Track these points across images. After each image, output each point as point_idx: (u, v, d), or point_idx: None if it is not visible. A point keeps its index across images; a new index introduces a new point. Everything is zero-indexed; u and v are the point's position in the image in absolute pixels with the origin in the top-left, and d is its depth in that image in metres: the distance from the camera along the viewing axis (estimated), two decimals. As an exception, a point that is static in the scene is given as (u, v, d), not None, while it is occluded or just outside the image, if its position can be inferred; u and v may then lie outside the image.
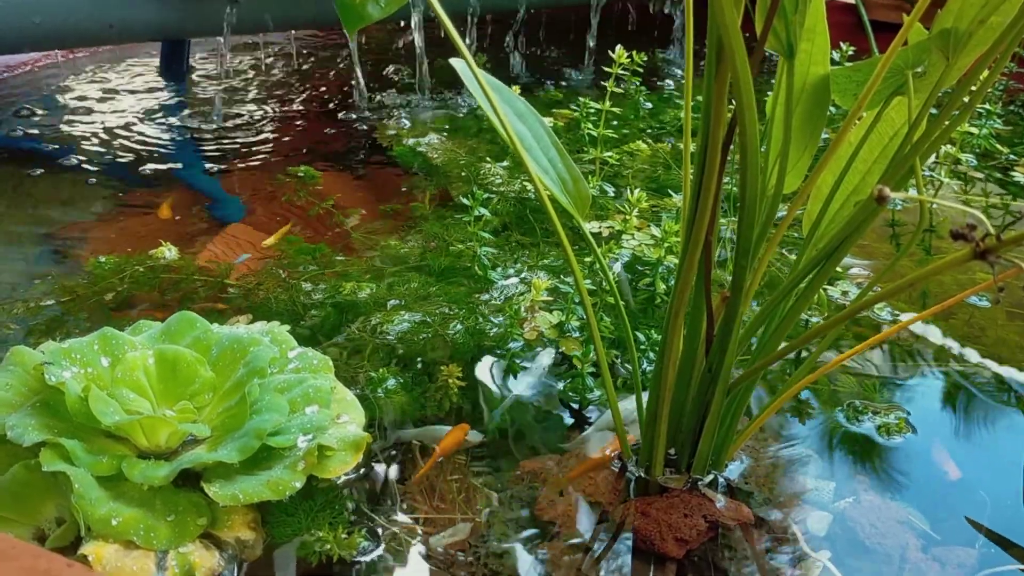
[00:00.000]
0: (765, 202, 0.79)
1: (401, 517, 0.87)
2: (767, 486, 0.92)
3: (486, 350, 1.12)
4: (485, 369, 1.09)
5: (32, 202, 1.51)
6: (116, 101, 2.03)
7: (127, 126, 1.87)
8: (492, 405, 1.03)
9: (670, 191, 1.57)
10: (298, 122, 1.94)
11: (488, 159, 1.70)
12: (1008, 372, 1.11)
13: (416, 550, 0.83)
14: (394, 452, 0.95)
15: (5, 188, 1.56)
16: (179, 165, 1.69)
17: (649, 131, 1.89)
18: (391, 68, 2.34)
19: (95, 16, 1.73)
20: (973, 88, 0.71)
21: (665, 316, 0.82)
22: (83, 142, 1.78)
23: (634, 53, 1.52)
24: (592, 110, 1.60)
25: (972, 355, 1.15)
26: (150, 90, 2.13)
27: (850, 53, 1.90)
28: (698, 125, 0.72)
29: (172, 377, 0.90)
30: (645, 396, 0.90)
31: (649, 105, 2.03)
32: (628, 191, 1.32)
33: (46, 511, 0.79)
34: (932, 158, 1.75)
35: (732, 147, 0.71)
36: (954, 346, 1.16)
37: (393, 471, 0.92)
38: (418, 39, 2.02)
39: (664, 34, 2.63)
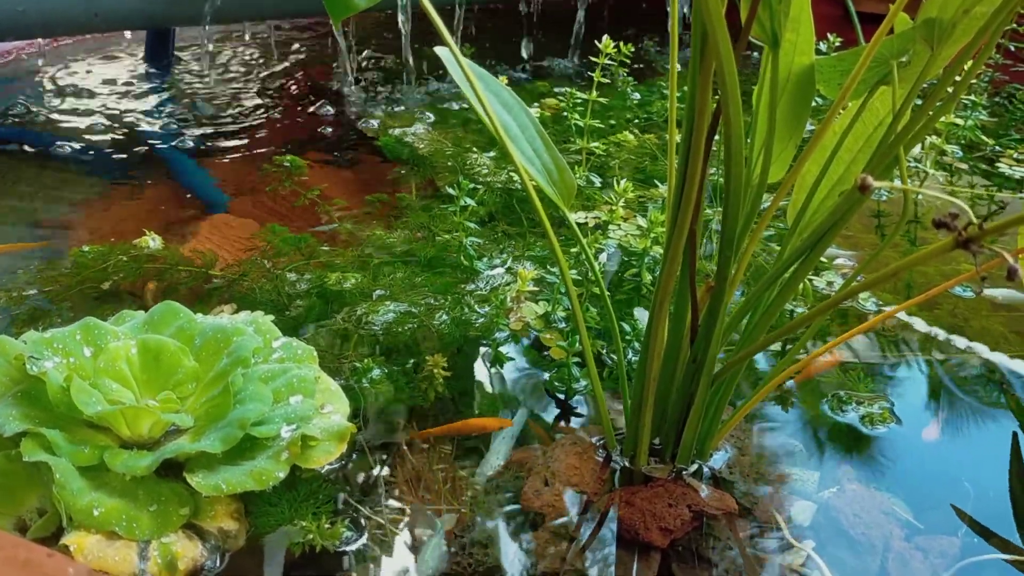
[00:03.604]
0: (750, 192, 0.79)
1: (386, 507, 0.86)
2: (751, 476, 0.92)
3: (472, 340, 1.12)
4: (472, 360, 1.09)
5: (16, 190, 1.50)
6: (101, 89, 2.02)
7: (111, 114, 1.86)
8: (482, 397, 1.03)
9: (656, 181, 1.57)
10: (283, 112, 1.93)
11: (475, 149, 1.69)
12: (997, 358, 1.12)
13: (400, 540, 0.83)
14: (379, 443, 0.95)
15: (-12, 177, 1.55)
16: (164, 153, 1.68)
17: (636, 121, 1.88)
18: (377, 58, 2.33)
19: (80, 4, 1.71)
20: (957, 78, 0.71)
21: (650, 306, 0.82)
22: (67, 130, 1.76)
23: (621, 43, 1.52)
24: (579, 100, 1.60)
25: (959, 343, 1.15)
26: (135, 78, 2.11)
27: (837, 44, 1.90)
28: (683, 115, 0.72)
29: (155, 367, 0.90)
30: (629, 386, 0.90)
31: (637, 95, 2.03)
32: (615, 181, 1.31)
33: (28, 501, 0.79)
34: (917, 149, 1.76)
35: (717, 137, 0.71)
36: (940, 333, 1.17)
37: (378, 461, 0.92)
38: (404, 28, 2.02)
39: (655, 23, 2.63)
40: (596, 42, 1.45)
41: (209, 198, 1.53)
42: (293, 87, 2.11)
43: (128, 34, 2.35)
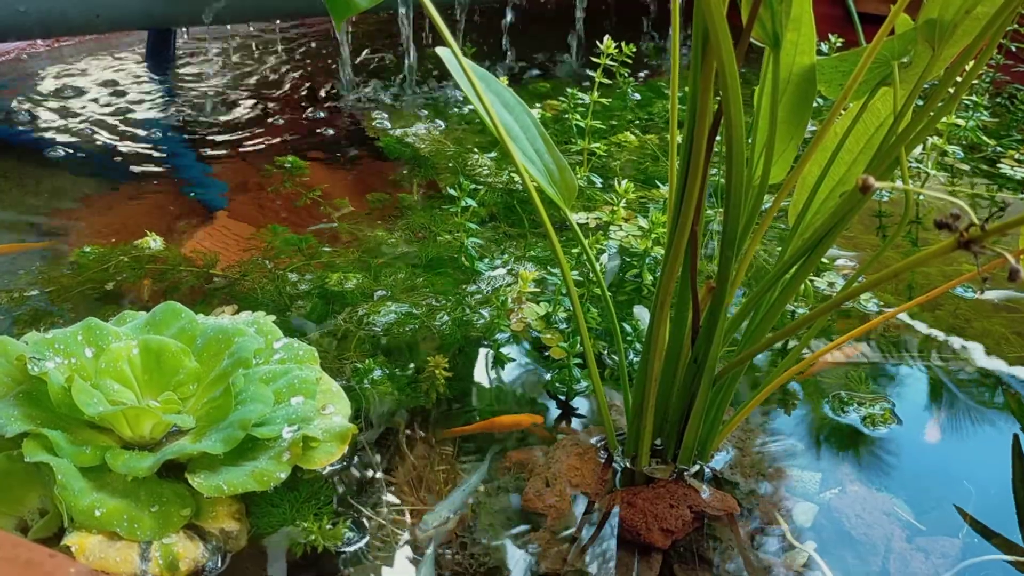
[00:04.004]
0: (751, 193, 0.79)
1: (387, 508, 0.86)
2: (753, 476, 0.92)
3: (473, 341, 1.12)
4: (474, 361, 1.09)
5: (17, 191, 1.50)
6: (102, 90, 2.02)
7: (112, 115, 1.86)
8: (481, 395, 1.03)
9: (658, 182, 1.57)
10: (285, 112, 1.93)
11: (476, 150, 1.69)
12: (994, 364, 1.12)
13: (402, 541, 0.83)
14: (380, 443, 0.95)
15: (-11, 178, 1.55)
16: (165, 154, 1.68)
17: (637, 122, 1.88)
18: (379, 58, 2.33)
19: (81, 5, 1.71)
20: (959, 79, 0.71)
21: (651, 307, 0.82)
22: (68, 131, 1.76)
23: (623, 44, 1.52)
24: (580, 101, 1.60)
25: (960, 344, 1.15)
26: (136, 79, 2.12)
27: (838, 45, 1.90)
28: (685, 116, 0.72)
29: (156, 368, 0.90)
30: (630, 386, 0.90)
31: (638, 96, 2.03)
32: (616, 182, 1.31)
33: (29, 502, 0.79)
34: (919, 150, 1.76)
35: (718, 138, 0.71)
36: (940, 335, 1.17)
37: (379, 462, 0.92)
38: (406, 29, 2.02)
39: (657, 23, 2.63)
40: (597, 42, 1.45)
41: (210, 199, 1.53)
42: (294, 88, 2.11)
43: (129, 34, 2.35)
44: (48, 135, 1.74)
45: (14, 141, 1.72)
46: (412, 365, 1.06)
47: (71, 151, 1.67)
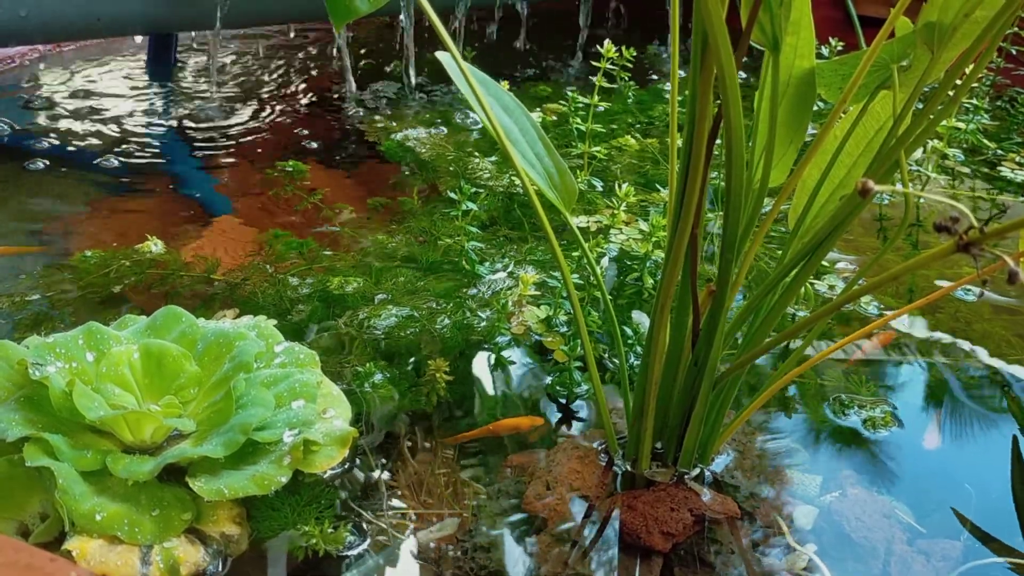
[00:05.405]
0: (751, 196, 0.79)
1: (388, 512, 0.86)
2: (753, 480, 0.92)
3: (474, 345, 1.12)
4: (474, 364, 1.09)
5: (19, 196, 1.51)
6: (103, 95, 2.02)
7: (114, 120, 1.86)
8: (482, 399, 1.03)
9: (658, 185, 1.57)
10: (286, 116, 1.94)
11: (476, 154, 1.69)
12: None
13: (404, 545, 0.83)
14: (381, 447, 0.95)
15: (-10, 182, 1.55)
16: (166, 158, 1.68)
17: (638, 126, 1.89)
18: (380, 62, 2.34)
19: (82, 10, 1.72)
20: (958, 82, 0.71)
21: (652, 310, 0.82)
22: (70, 135, 1.77)
23: (623, 48, 1.52)
24: (580, 105, 1.60)
25: (960, 347, 1.15)
26: (137, 84, 2.12)
27: (838, 49, 1.90)
28: (684, 119, 0.72)
29: (157, 372, 0.90)
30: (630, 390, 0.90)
31: (639, 100, 2.03)
32: (616, 186, 1.31)
33: (30, 506, 0.79)
34: (919, 153, 1.76)
35: (718, 141, 0.71)
36: (942, 337, 1.17)
37: (380, 466, 0.92)
38: (407, 33, 2.02)
39: (658, 27, 2.63)
40: (598, 46, 1.46)
41: (211, 203, 1.53)
42: (295, 92, 2.11)
43: (131, 39, 2.35)
44: (49, 140, 1.74)
45: (15, 146, 1.73)
46: (413, 368, 1.06)
47: (72, 156, 1.67)
